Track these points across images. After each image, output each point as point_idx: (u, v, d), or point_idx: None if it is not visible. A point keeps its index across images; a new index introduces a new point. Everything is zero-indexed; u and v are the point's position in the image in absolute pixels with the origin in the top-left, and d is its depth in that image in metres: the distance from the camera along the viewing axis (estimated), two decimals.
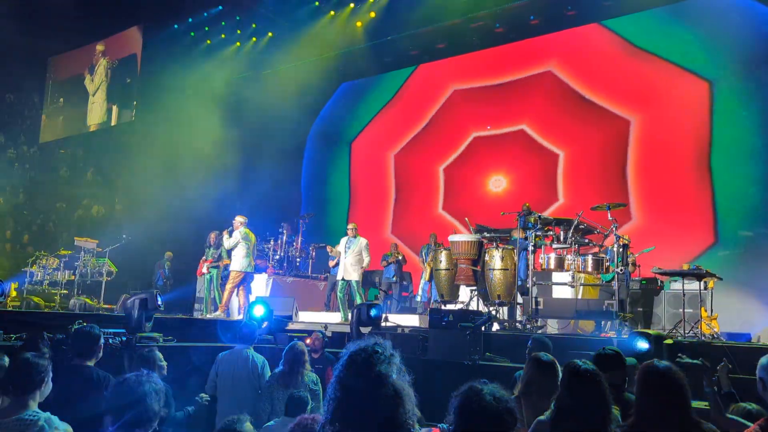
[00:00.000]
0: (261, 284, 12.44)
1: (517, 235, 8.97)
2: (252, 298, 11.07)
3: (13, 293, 12.50)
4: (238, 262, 10.59)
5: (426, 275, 11.70)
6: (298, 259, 13.64)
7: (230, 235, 10.68)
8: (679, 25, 12.17)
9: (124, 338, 6.38)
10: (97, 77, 18.19)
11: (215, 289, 11.09)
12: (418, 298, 11.84)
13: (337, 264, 12.04)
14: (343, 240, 10.70)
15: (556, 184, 13.31)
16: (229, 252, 10.88)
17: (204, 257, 11.66)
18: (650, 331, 5.66)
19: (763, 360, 2.99)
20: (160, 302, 6.59)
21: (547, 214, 11.88)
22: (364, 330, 7.00)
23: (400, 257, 12.48)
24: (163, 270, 13.99)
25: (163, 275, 13.93)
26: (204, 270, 11.47)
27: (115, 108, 17.60)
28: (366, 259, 10.49)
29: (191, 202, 14.43)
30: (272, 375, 5.52)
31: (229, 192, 15.91)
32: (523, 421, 3.24)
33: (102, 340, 4.20)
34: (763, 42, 11.22)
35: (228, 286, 10.64)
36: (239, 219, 10.80)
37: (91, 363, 4.03)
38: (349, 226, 10.80)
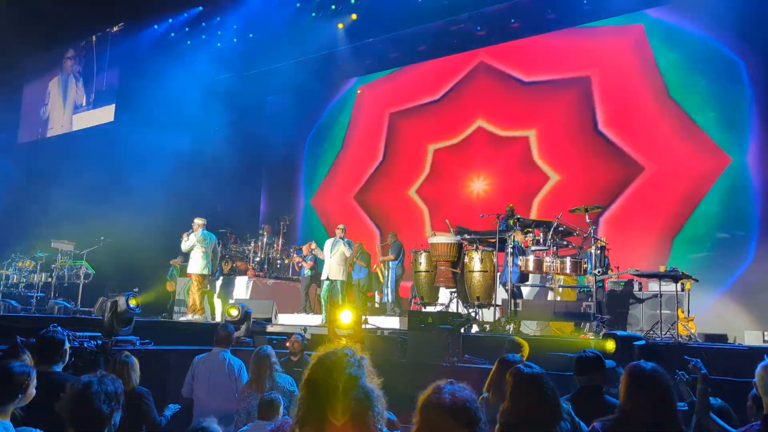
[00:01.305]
0: (242, 286, 12.38)
1: (518, 238, 8.69)
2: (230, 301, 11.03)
3: None
4: (196, 264, 10.61)
5: (381, 277, 11.76)
6: (278, 261, 13.58)
7: (188, 238, 10.69)
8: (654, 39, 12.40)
9: (99, 342, 6.31)
10: (62, 83, 18.12)
11: (186, 293, 11.21)
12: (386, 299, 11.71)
13: (309, 264, 12.04)
14: (329, 241, 10.71)
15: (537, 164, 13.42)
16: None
17: None
18: (618, 332, 5.70)
19: (758, 368, 3.05)
20: (132, 305, 6.50)
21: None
22: (342, 333, 6.98)
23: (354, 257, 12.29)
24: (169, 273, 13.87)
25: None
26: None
27: (95, 109, 17.43)
28: (347, 253, 10.57)
29: (177, 203, 14.35)
30: (244, 385, 5.48)
31: (214, 193, 15.87)
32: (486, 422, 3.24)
33: (66, 344, 4.05)
34: None
35: (192, 290, 10.64)
36: (197, 221, 10.81)
37: (57, 368, 3.94)
38: (339, 227, 10.83)
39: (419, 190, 15.03)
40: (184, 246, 10.69)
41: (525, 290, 9.36)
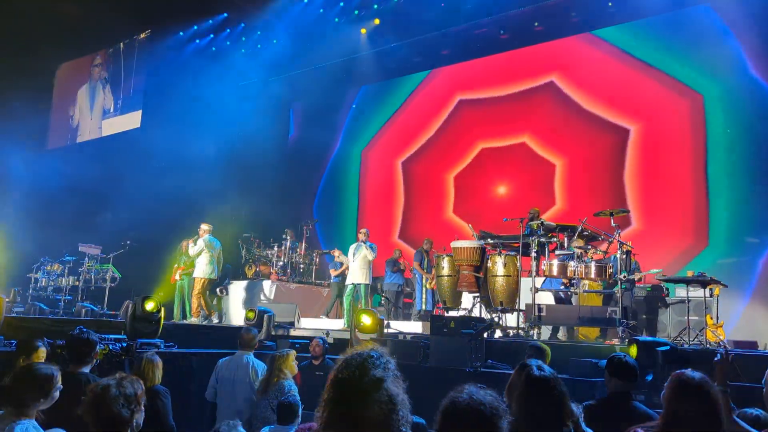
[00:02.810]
0: (265, 290, 12.45)
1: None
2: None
3: None
4: (202, 269, 10.88)
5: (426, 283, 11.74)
6: (301, 266, 13.62)
7: (195, 243, 10.96)
8: (674, 35, 12.21)
9: (124, 344, 6.39)
10: (90, 90, 18.44)
11: (186, 296, 11.48)
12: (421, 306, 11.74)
13: (336, 272, 12.09)
14: (353, 246, 10.76)
15: (554, 193, 13.32)
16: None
17: (176, 264, 11.88)
18: (640, 338, 5.60)
19: None
20: (148, 308, 6.60)
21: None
22: (364, 337, 6.97)
23: (401, 265, 12.34)
24: None
25: None
26: (177, 277, 11.70)
27: (122, 116, 17.70)
28: (371, 256, 10.58)
29: (202, 207, 14.49)
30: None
31: (239, 198, 16.01)
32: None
33: (98, 347, 4.14)
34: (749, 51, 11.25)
35: (194, 293, 10.91)
36: (204, 227, 11.11)
37: (86, 369, 4.00)
38: (362, 231, 10.88)
39: (456, 177, 15.00)
40: (192, 251, 10.95)
41: (548, 295, 9.27)
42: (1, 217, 14.23)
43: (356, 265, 10.57)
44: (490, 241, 9.14)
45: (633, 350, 5.16)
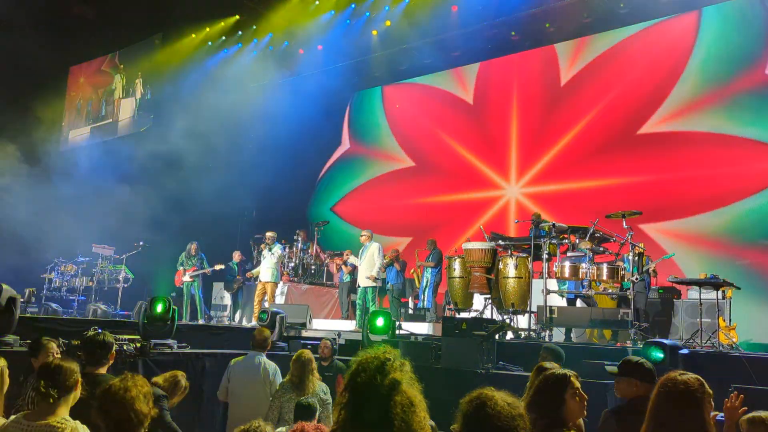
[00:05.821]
0: (276, 291, 12.48)
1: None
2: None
3: None
4: (271, 274, 11.23)
5: (417, 282, 11.75)
6: (313, 267, 13.64)
7: (269, 250, 11.33)
8: None
9: (138, 344, 6.46)
10: (108, 90, 18.61)
11: (197, 297, 11.86)
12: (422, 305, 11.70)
13: (348, 269, 12.11)
14: (360, 250, 10.78)
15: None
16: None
17: (182, 267, 11.94)
18: (665, 341, 5.57)
19: None
20: (158, 309, 6.67)
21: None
22: (376, 338, 6.99)
23: (386, 261, 12.19)
24: None
25: None
26: (187, 278, 11.76)
27: (134, 116, 17.83)
28: (378, 263, 10.51)
29: (215, 208, 14.56)
30: (282, 384, 5.52)
31: (249, 199, 16.05)
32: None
33: (114, 348, 4.16)
34: None
35: (269, 298, 11.20)
36: (271, 234, 11.53)
37: (103, 371, 4.02)
38: (363, 233, 10.86)
39: (456, 195, 15.02)
40: (274, 258, 11.28)
41: (560, 297, 9.26)
42: (19, 218, 14.34)
43: (363, 267, 10.56)
44: (501, 242, 9.15)
45: (654, 352, 5.14)
